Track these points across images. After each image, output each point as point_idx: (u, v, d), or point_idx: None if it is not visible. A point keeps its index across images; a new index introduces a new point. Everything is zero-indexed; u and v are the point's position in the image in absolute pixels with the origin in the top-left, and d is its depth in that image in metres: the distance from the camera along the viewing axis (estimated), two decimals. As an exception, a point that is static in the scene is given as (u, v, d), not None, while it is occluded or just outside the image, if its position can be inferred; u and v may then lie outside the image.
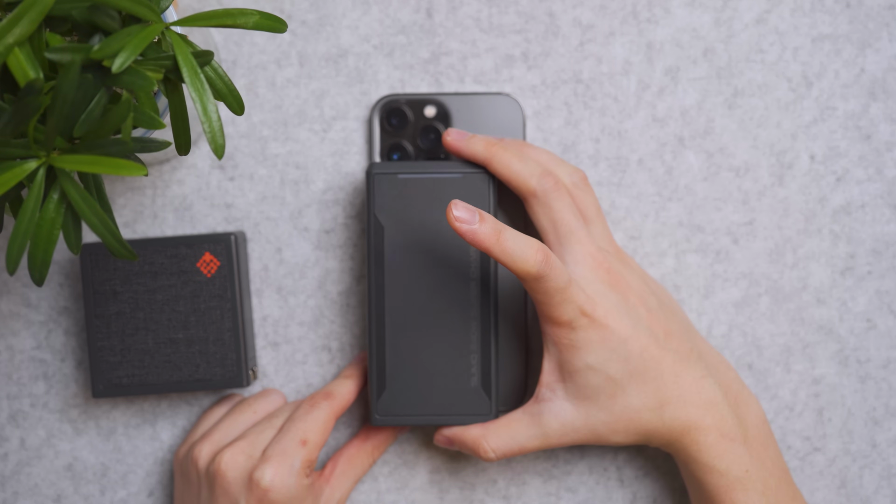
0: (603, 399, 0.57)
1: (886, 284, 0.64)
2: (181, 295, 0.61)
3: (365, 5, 0.64)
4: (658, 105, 0.64)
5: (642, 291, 0.59)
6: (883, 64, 0.64)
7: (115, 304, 0.61)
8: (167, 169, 0.64)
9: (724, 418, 0.57)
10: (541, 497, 0.65)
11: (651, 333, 0.57)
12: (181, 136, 0.50)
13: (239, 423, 0.61)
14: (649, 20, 0.64)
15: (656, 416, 0.57)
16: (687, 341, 0.59)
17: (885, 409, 0.65)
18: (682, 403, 0.57)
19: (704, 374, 0.58)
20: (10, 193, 0.48)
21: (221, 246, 0.61)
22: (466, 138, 0.59)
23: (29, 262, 0.48)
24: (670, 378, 0.57)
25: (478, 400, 0.60)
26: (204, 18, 0.49)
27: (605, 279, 0.57)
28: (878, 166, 0.64)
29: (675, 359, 0.58)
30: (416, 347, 0.60)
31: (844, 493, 0.65)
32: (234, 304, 0.61)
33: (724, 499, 0.57)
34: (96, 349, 0.61)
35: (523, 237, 0.55)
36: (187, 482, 0.61)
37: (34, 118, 0.44)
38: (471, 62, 0.64)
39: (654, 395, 0.57)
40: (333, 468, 0.62)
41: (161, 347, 0.61)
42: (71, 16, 0.45)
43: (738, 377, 0.61)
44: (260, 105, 0.64)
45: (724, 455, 0.57)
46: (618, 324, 0.56)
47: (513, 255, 0.54)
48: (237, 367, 0.61)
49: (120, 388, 0.62)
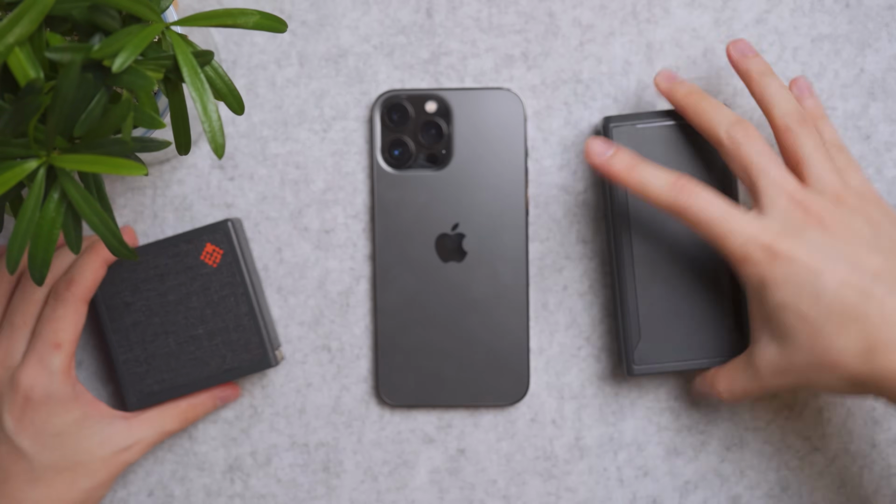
0: (802, 339, 0.53)
1: (886, 284, 0.64)
2: (192, 291, 0.61)
3: (365, 5, 0.64)
4: (658, 105, 0.64)
5: (862, 230, 0.54)
6: (882, 64, 0.64)
7: (129, 314, 0.61)
8: (167, 169, 0.64)
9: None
10: (541, 497, 0.65)
11: (855, 269, 0.53)
12: (181, 136, 0.50)
13: None
14: (649, 20, 0.64)
15: (864, 361, 0.52)
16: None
17: (885, 409, 0.65)
18: None
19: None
20: (11, 193, 0.48)
21: (220, 234, 0.61)
22: (673, 83, 0.59)
23: (29, 262, 0.48)
24: (878, 319, 0.52)
25: (733, 342, 0.61)
26: (204, 18, 0.49)
27: (801, 217, 0.54)
28: (877, 166, 0.64)
29: (888, 299, 0.52)
30: (668, 296, 0.61)
31: (844, 493, 0.65)
32: (246, 288, 0.61)
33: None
34: (121, 363, 0.62)
35: (659, 169, 0.55)
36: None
37: (34, 118, 0.44)
38: (471, 62, 0.64)
39: (858, 338, 0.52)
40: (140, 412, 0.61)
41: (184, 347, 0.62)
42: (71, 15, 0.45)
43: None
44: (260, 105, 0.64)
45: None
46: (808, 257, 0.53)
47: (645, 185, 0.55)
48: (262, 348, 0.62)
49: (152, 396, 0.62)
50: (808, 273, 0.53)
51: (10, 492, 0.58)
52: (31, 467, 0.58)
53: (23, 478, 0.58)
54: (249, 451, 0.65)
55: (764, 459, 0.65)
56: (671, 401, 0.65)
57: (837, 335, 0.53)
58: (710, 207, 0.55)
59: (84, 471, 0.59)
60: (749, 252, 0.54)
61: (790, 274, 0.53)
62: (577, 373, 0.65)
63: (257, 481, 0.65)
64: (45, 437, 0.58)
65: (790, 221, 0.55)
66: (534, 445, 0.65)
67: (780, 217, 0.55)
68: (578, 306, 0.65)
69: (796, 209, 0.55)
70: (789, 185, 0.55)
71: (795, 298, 0.53)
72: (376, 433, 0.65)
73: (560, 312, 0.65)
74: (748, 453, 0.65)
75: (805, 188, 0.56)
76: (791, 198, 0.55)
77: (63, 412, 0.58)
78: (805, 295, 0.53)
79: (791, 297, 0.54)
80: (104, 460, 0.59)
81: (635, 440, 0.65)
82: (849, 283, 0.52)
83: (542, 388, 0.65)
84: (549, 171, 0.64)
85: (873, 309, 0.52)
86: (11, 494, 0.58)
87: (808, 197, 0.55)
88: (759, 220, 0.55)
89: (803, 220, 0.54)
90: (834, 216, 0.55)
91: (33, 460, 0.58)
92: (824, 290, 0.53)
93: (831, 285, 0.53)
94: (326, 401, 0.65)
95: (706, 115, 0.58)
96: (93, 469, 0.59)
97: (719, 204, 0.55)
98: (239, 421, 0.65)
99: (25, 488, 0.58)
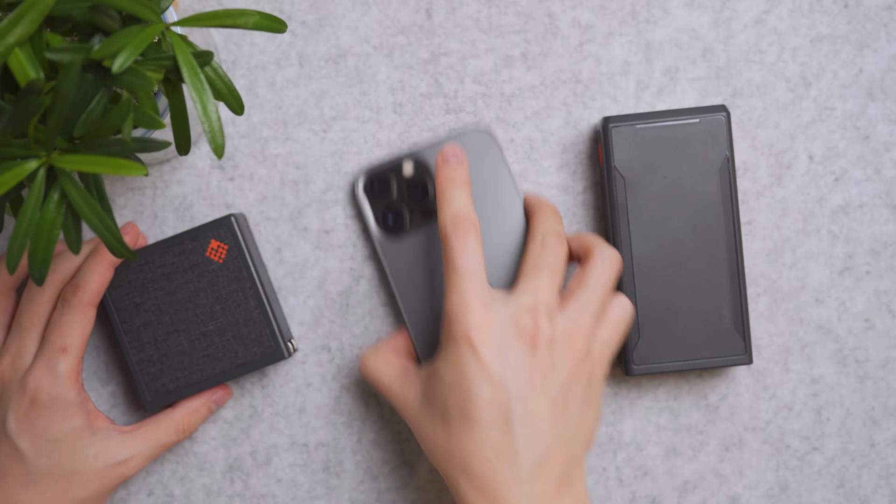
0: (448, 423, 0.56)
1: (885, 284, 0.65)
2: (200, 288, 0.61)
3: (365, 6, 0.64)
4: (657, 105, 0.64)
5: (551, 370, 0.56)
6: (881, 64, 0.64)
7: (139, 315, 0.62)
8: (167, 169, 0.65)
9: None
10: (540, 496, 0.65)
11: (517, 402, 0.55)
12: (181, 136, 0.50)
13: None
14: (648, 20, 0.64)
15: (461, 471, 0.55)
16: None
17: (884, 409, 0.65)
18: None
19: None
20: (11, 193, 0.48)
21: (224, 230, 0.61)
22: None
23: (29, 262, 0.48)
24: (485, 453, 0.55)
25: (732, 341, 0.61)
26: (204, 19, 0.49)
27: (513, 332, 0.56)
28: (876, 166, 0.64)
29: (500, 436, 0.55)
30: (667, 295, 0.61)
31: (843, 493, 0.65)
32: (254, 282, 0.61)
33: None
34: (135, 364, 0.62)
35: (466, 199, 0.57)
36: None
37: (34, 118, 0.44)
38: (470, 62, 0.64)
39: (462, 456, 0.55)
40: (137, 427, 0.61)
41: (196, 344, 0.62)
42: (71, 16, 0.45)
43: None
44: (260, 105, 0.64)
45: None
46: (493, 365, 0.55)
47: (445, 201, 0.58)
48: (274, 340, 0.62)
49: (168, 396, 0.62)
50: (481, 375, 0.54)
51: (5, 491, 0.58)
52: (27, 469, 0.58)
53: (19, 479, 0.58)
54: (249, 451, 0.65)
55: (763, 459, 0.65)
56: (670, 401, 0.65)
57: (458, 436, 0.55)
58: (464, 259, 0.56)
59: (78, 480, 0.59)
60: (455, 328, 0.55)
61: (466, 365, 0.55)
62: (577, 373, 0.65)
63: (257, 481, 0.65)
64: (44, 442, 0.58)
65: (505, 331, 0.55)
66: (533, 445, 0.65)
67: (495, 326, 0.55)
68: (578, 306, 0.65)
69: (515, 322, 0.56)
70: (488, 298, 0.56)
71: (454, 389, 0.55)
72: (376, 433, 0.65)
73: (559, 312, 0.65)
74: (747, 453, 0.65)
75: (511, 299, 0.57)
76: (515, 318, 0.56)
77: (64, 418, 0.59)
78: (461, 391, 0.55)
79: (451, 386, 0.55)
80: (98, 472, 0.60)
81: (634, 440, 0.65)
82: (495, 406, 0.54)
83: (542, 388, 0.65)
84: (549, 171, 0.64)
85: (489, 439, 0.54)
86: (6, 494, 0.58)
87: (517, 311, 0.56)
88: (484, 311, 0.55)
89: (516, 334, 0.55)
90: (543, 342, 0.56)
91: (30, 463, 0.58)
92: (476, 399, 0.55)
93: (484, 398, 0.54)
94: (326, 401, 0.65)
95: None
96: (87, 480, 0.59)
97: (474, 263, 0.56)
98: (239, 421, 0.65)
99: (20, 490, 0.58)
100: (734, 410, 0.65)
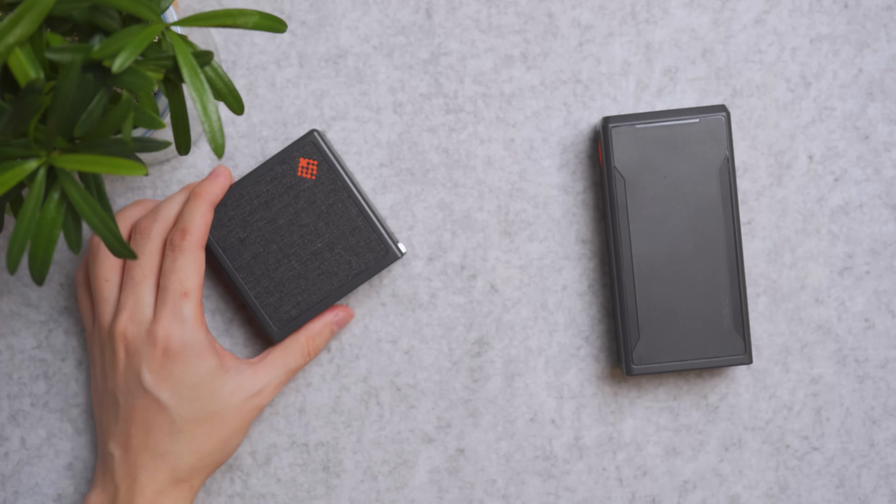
0: None
1: (884, 284, 0.65)
2: (300, 209, 0.62)
3: (365, 5, 0.64)
4: (657, 105, 0.64)
5: None
6: (881, 64, 0.64)
7: (246, 249, 0.62)
8: (167, 169, 0.65)
9: None
10: (540, 497, 0.65)
11: None
12: (181, 136, 0.50)
13: None
14: (648, 21, 0.64)
15: None
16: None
17: (884, 409, 0.65)
18: None
19: None
20: (11, 193, 0.48)
21: (310, 146, 0.61)
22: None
23: (29, 262, 0.48)
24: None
25: (732, 341, 0.61)
26: (204, 18, 0.49)
27: None
28: (876, 166, 0.64)
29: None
30: (667, 294, 0.61)
31: (843, 493, 0.65)
32: (350, 191, 0.61)
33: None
34: (253, 298, 0.62)
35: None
36: (100, 349, 0.62)
37: (35, 118, 0.44)
38: (470, 62, 0.64)
39: None
40: (264, 357, 0.62)
41: (308, 265, 0.62)
42: (71, 16, 0.45)
43: None
44: (260, 105, 0.64)
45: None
46: None
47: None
48: (384, 244, 0.62)
49: (293, 322, 0.62)
50: None
51: (153, 444, 0.59)
52: (171, 420, 0.59)
53: (165, 430, 0.59)
54: (249, 451, 0.65)
55: (762, 459, 0.65)
56: (670, 400, 0.65)
57: None
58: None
59: (220, 420, 0.60)
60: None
61: None
62: (577, 372, 0.65)
63: (257, 481, 0.65)
64: (183, 389, 0.59)
65: None
66: (533, 445, 0.65)
67: None
68: (577, 306, 0.65)
69: None
70: None
71: None
72: (376, 433, 0.65)
73: (559, 312, 0.65)
74: (747, 453, 0.65)
75: None
76: None
77: (199, 362, 0.59)
78: None
79: None
80: (237, 407, 0.60)
81: (634, 440, 0.65)
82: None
83: (542, 388, 0.65)
84: (549, 172, 0.64)
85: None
86: (155, 446, 0.59)
87: None
88: None
89: None
90: None
91: (173, 413, 0.59)
92: None
93: None
94: (326, 401, 0.65)
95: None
96: (228, 417, 0.60)
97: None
98: (239, 420, 0.65)
99: (168, 441, 0.59)
100: (734, 410, 0.65)
